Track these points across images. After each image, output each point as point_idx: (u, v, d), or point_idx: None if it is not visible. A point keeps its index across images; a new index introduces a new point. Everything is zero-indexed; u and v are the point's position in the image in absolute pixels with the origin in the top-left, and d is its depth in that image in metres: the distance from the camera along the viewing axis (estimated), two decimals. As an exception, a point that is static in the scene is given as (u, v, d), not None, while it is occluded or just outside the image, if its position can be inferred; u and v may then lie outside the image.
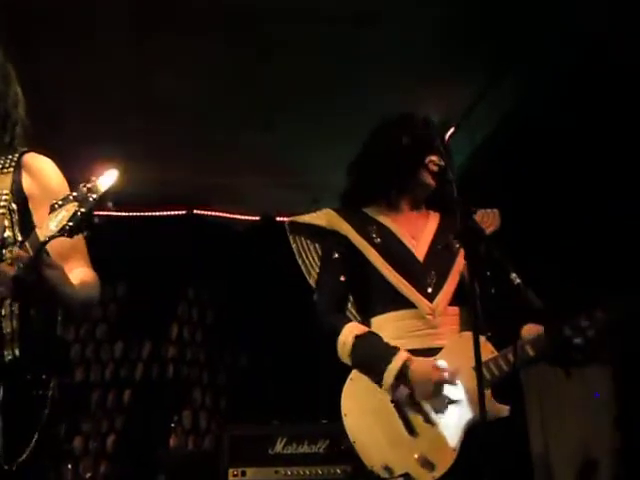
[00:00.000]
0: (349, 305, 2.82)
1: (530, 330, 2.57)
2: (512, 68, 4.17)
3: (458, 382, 2.48)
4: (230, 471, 4.09)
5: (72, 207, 1.96)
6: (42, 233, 1.97)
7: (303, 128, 4.58)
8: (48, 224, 1.97)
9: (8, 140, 2.26)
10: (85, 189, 1.97)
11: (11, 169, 2.23)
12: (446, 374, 2.46)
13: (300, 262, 2.86)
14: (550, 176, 4.15)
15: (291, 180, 4.77)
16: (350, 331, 2.56)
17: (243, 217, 5.77)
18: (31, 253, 1.97)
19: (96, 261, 2.30)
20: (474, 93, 4.45)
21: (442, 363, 2.50)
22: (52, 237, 1.97)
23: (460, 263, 2.66)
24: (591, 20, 3.73)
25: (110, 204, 2.00)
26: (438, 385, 2.45)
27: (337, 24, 3.87)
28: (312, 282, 2.84)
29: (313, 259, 2.85)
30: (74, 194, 1.98)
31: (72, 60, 4.02)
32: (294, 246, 2.86)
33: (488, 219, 2.70)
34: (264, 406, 5.34)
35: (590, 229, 3.86)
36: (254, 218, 5.70)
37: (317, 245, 2.85)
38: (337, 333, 2.57)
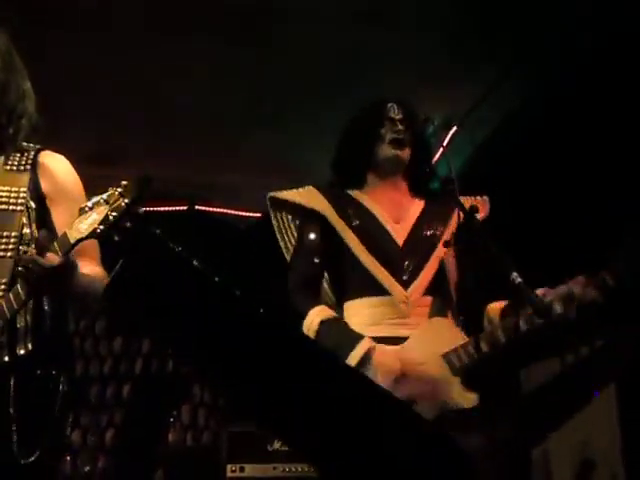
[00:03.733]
0: (325, 285, 2.79)
1: (494, 308, 2.55)
2: (513, 68, 4.17)
3: (424, 372, 2.45)
4: (228, 467, 4.09)
5: (104, 210, 1.99)
6: (72, 235, 2.00)
7: (303, 127, 4.57)
8: (78, 226, 2.00)
9: (12, 133, 2.25)
10: (117, 193, 2.00)
11: (28, 167, 2.24)
12: (410, 366, 2.44)
13: (279, 239, 2.83)
14: (550, 175, 4.15)
15: (291, 180, 4.76)
16: (316, 315, 2.54)
17: (245, 213, 5.77)
18: (60, 255, 2.00)
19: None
20: (475, 93, 4.45)
21: (408, 354, 2.47)
22: (82, 239, 2.01)
23: (441, 250, 2.65)
24: (592, 21, 3.73)
25: (141, 210, 2.02)
26: (400, 376, 2.43)
27: (337, 24, 3.87)
28: (289, 259, 2.81)
29: (293, 236, 2.82)
30: (105, 197, 2.00)
31: (74, 57, 4.02)
32: (274, 222, 2.83)
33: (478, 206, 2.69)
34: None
35: (590, 229, 3.86)
36: (256, 215, 5.70)
37: (297, 222, 2.82)
38: (303, 316, 2.55)
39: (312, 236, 2.70)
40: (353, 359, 2.43)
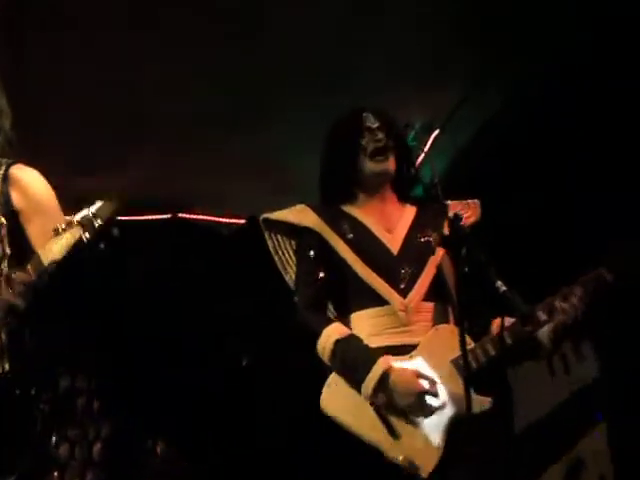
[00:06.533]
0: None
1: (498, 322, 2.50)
2: (496, 71, 4.18)
3: (440, 387, 2.45)
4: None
5: (77, 232, 1.99)
6: (45, 256, 1.99)
7: (288, 132, 4.54)
8: (52, 247, 1.99)
9: None
10: (90, 214, 1.99)
11: None
12: (427, 383, 2.44)
13: (276, 259, 2.82)
14: (533, 178, 4.17)
15: (279, 184, 4.75)
16: (330, 334, 2.53)
17: (229, 220, 5.74)
18: (33, 277, 2.00)
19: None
20: (458, 96, 4.45)
21: (422, 370, 2.47)
22: (55, 262, 2.00)
23: (437, 256, 2.64)
24: (575, 21, 3.75)
25: (115, 230, 2.02)
26: (420, 395, 2.43)
27: (322, 25, 3.86)
28: (288, 279, 2.81)
29: (289, 255, 2.81)
30: (78, 218, 2.00)
31: (57, 59, 3.95)
32: (269, 243, 2.83)
33: (469, 210, 2.68)
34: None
35: (575, 231, 3.87)
36: (240, 221, 5.67)
37: (292, 242, 2.81)
38: (317, 335, 2.54)
39: (311, 253, 2.69)
40: (370, 382, 2.44)
